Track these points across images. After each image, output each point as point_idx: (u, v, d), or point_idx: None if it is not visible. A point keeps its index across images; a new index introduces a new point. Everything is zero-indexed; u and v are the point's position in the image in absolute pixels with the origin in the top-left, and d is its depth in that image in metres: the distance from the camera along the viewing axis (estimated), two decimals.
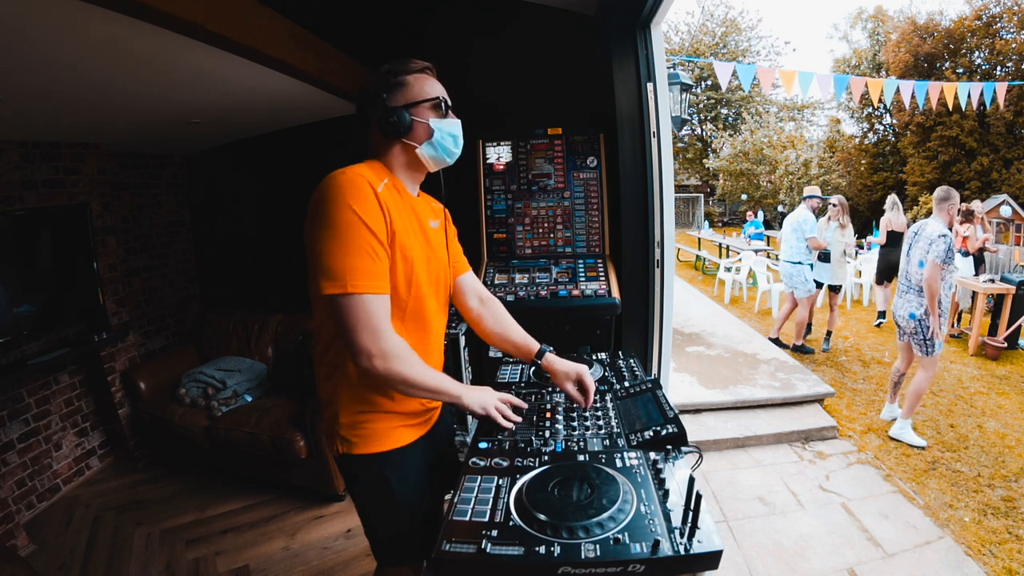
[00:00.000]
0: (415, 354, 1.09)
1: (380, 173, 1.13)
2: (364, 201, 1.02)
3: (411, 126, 1.14)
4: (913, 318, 3.11)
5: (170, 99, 2.24)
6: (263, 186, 3.43)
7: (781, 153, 17.00)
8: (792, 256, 4.86)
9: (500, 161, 2.62)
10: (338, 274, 0.99)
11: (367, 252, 1.01)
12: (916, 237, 3.21)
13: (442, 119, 1.17)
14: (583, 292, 2.34)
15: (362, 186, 1.03)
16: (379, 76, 1.16)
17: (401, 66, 1.16)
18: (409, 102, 1.14)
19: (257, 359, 3.22)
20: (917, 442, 3.14)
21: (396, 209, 1.10)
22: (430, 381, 1.10)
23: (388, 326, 1.04)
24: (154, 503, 2.73)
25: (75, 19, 1.32)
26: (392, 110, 1.12)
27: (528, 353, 1.39)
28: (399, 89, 1.14)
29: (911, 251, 3.21)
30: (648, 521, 0.89)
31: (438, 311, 1.26)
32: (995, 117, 13.30)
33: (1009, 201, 10.91)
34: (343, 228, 1.00)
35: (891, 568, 2.12)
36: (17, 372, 2.48)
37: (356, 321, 1.00)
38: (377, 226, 1.03)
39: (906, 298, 3.19)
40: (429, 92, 1.16)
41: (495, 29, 2.77)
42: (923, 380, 3.18)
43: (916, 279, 3.13)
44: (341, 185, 1.02)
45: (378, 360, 1.02)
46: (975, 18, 13.83)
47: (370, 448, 1.16)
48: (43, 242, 2.66)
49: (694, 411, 3.43)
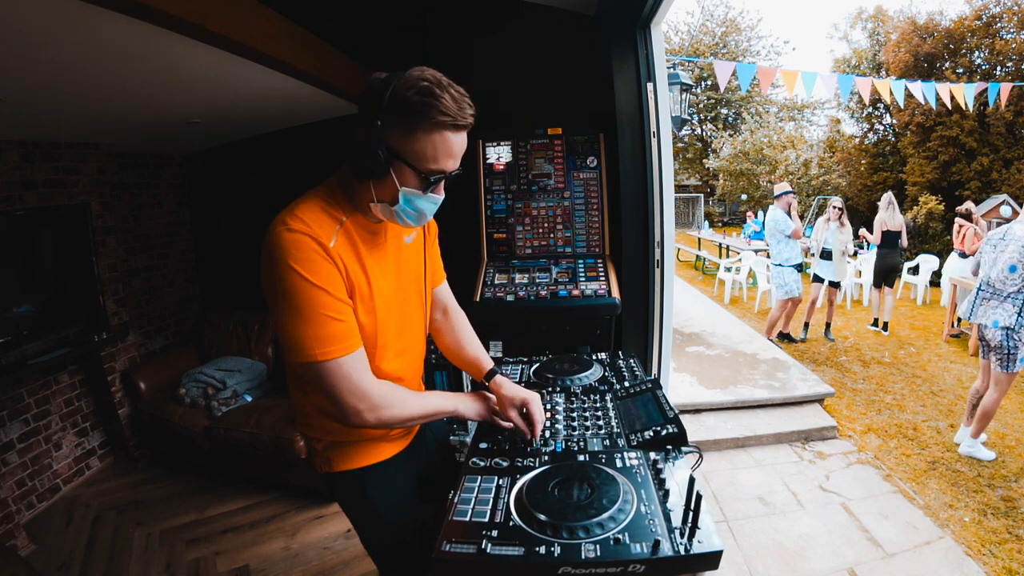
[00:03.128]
0: (401, 390, 1.07)
1: (336, 209, 0.99)
2: (311, 264, 0.91)
3: (380, 176, 0.93)
4: (997, 326, 2.94)
5: (170, 99, 2.24)
6: (263, 186, 3.42)
7: (781, 153, 16.99)
8: (774, 258, 5.08)
9: (500, 161, 2.62)
10: (303, 346, 0.93)
11: (325, 316, 0.93)
12: (1003, 241, 3.05)
13: (420, 194, 0.96)
14: (583, 292, 2.34)
15: (307, 246, 0.91)
16: (402, 90, 0.88)
17: (429, 106, 0.87)
18: (399, 153, 0.91)
19: (257, 359, 3.22)
20: (988, 456, 3.06)
21: (354, 257, 0.99)
22: (424, 409, 1.10)
23: (368, 379, 0.99)
24: (154, 503, 2.73)
25: (75, 19, 1.32)
26: (374, 148, 0.90)
27: (478, 372, 1.30)
28: (404, 130, 0.90)
29: (997, 256, 3.04)
30: (648, 521, 0.89)
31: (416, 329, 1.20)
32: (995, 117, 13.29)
33: (1009, 201, 10.91)
34: (294, 296, 0.91)
35: (891, 568, 2.12)
36: (17, 372, 2.48)
37: (334, 386, 0.96)
38: (331, 284, 0.93)
39: (988, 305, 3.02)
40: (431, 160, 0.92)
41: (495, 29, 2.77)
42: (995, 399, 3.00)
43: (1002, 285, 2.96)
44: (286, 247, 0.90)
45: (368, 415, 0.99)
46: (975, 18, 13.82)
47: (349, 465, 1.16)
48: (43, 242, 2.66)
49: (694, 411, 3.43)
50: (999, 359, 2.96)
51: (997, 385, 3.00)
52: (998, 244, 3.08)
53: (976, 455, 3.07)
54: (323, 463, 1.17)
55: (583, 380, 1.48)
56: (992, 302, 3.01)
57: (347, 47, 2.39)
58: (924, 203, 10.80)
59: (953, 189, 13.70)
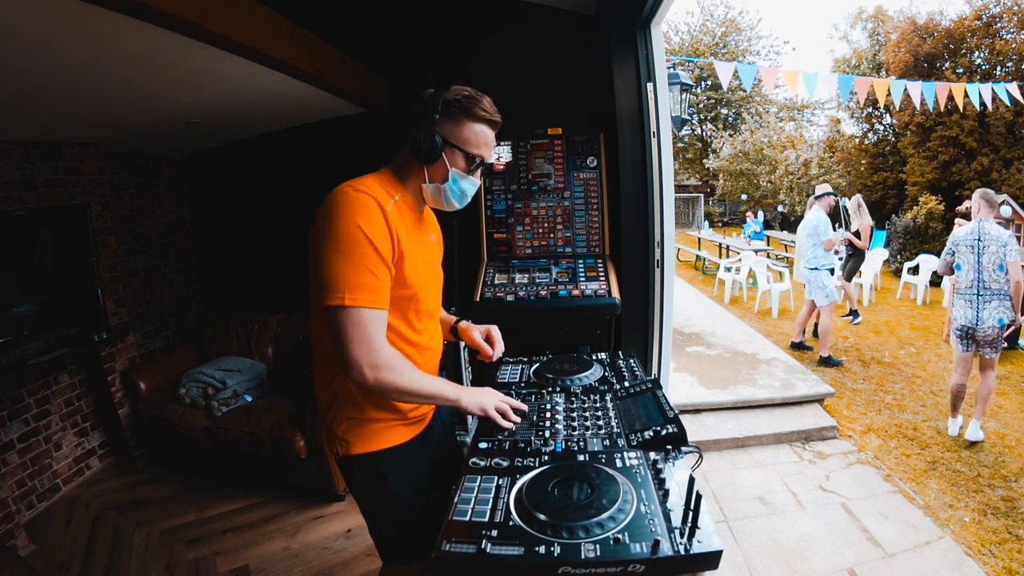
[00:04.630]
0: (408, 363, 1.11)
1: (392, 188, 1.14)
2: (371, 220, 1.03)
3: (435, 159, 1.13)
4: (1002, 324, 3.07)
5: (170, 99, 2.24)
6: (263, 186, 3.43)
7: (781, 153, 16.99)
8: (810, 262, 4.66)
9: (500, 161, 2.62)
10: (338, 287, 1.01)
11: (369, 269, 1.03)
12: (981, 243, 3.14)
13: (464, 175, 1.17)
14: (583, 292, 2.34)
15: (370, 205, 1.04)
16: (450, 96, 1.12)
17: (473, 104, 1.12)
18: (451, 139, 1.12)
19: (257, 359, 3.22)
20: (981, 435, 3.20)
21: (404, 229, 1.12)
22: (425, 388, 1.12)
23: (382, 340, 1.06)
24: (154, 503, 2.73)
25: (75, 19, 1.32)
26: (432, 134, 1.10)
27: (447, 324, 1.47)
28: (453, 122, 1.12)
29: (982, 257, 3.13)
30: (648, 521, 0.89)
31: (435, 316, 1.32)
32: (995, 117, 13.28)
33: (1009, 201, 10.89)
34: (347, 243, 1.01)
35: (891, 568, 2.12)
36: (17, 372, 2.48)
37: (350, 333, 1.02)
38: (383, 245, 1.04)
39: (990, 306, 3.10)
40: (475, 146, 1.14)
41: (495, 29, 2.77)
42: (993, 379, 3.20)
43: (997, 285, 3.08)
44: (350, 202, 1.03)
45: (368, 371, 1.03)
46: (975, 18, 13.82)
47: (367, 447, 1.18)
48: (43, 242, 2.66)
49: (694, 411, 3.43)
50: (994, 348, 3.15)
51: (993, 368, 3.20)
52: (975, 245, 3.16)
53: (979, 438, 3.18)
54: (341, 446, 1.19)
55: (583, 380, 1.48)
56: (993, 303, 3.10)
57: (347, 47, 2.39)
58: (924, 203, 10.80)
59: (953, 189, 13.69)
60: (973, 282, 3.17)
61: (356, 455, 1.19)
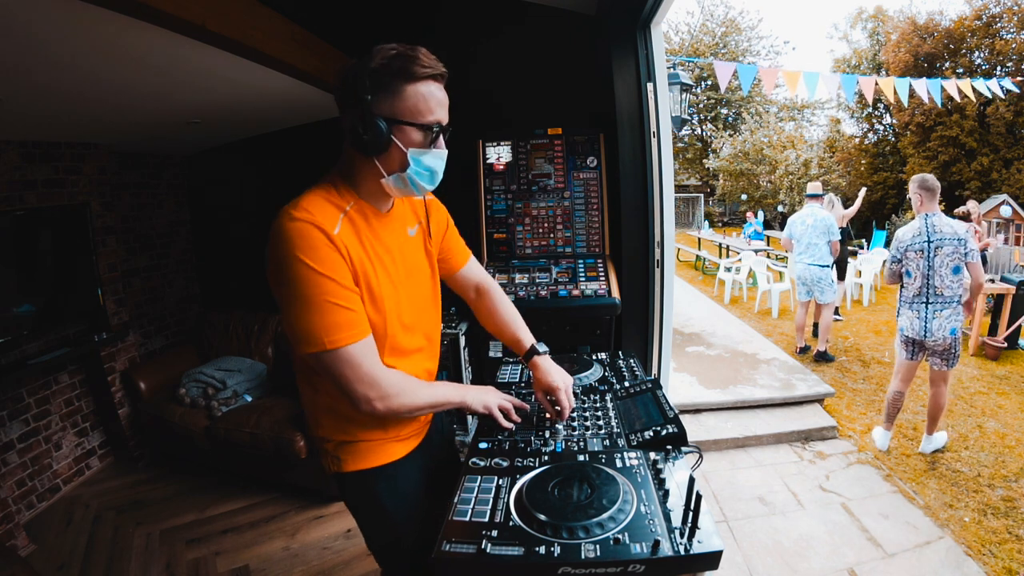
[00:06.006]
0: (411, 379, 1.08)
1: (340, 198, 1.01)
2: (316, 253, 0.92)
3: (386, 147, 0.96)
4: (954, 334, 2.75)
5: (170, 99, 2.24)
6: (263, 186, 3.42)
7: (781, 153, 16.99)
8: (819, 259, 4.60)
9: (500, 161, 2.62)
10: (313, 335, 0.93)
11: (333, 304, 0.93)
12: (931, 243, 2.74)
13: (425, 150, 0.98)
14: (583, 292, 2.34)
15: (311, 235, 0.92)
16: (371, 66, 0.92)
17: (409, 63, 0.92)
18: (395, 117, 0.94)
19: (257, 359, 3.22)
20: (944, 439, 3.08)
21: (363, 243, 1.01)
22: (432, 399, 1.11)
23: (378, 367, 1.01)
24: (154, 503, 2.73)
25: (75, 19, 1.32)
26: (370, 120, 0.93)
27: (519, 350, 1.35)
28: (389, 95, 0.93)
29: (933, 260, 2.75)
30: (648, 521, 0.89)
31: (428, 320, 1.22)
32: (995, 117, 13.29)
33: (1009, 201, 10.91)
34: (302, 287, 0.92)
35: (891, 568, 2.12)
36: (17, 372, 2.48)
37: (347, 375, 0.97)
38: (338, 273, 0.94)
39: (943, 316, 2.75)
40: (424, 112, 0.95)
41: (495, 29, 2.77)
42: (944, 395, 2.89)
43: (950, 292, 2.74)
44: (291, 237, 0.91)
45: (379, 403, 1.00)
46: (975, 18, 13.83)
47: (360, 465, 1.14)
48: (43, 242, 2.66)
49: (694, 411, 3.43)
50: (946, 360, 2.82)
51: (943, 382, 2.88)
52: (925, 248, 2.77)
53: (938, 446, 3.04)
54: (333, 463, 1.16)
55: (583, 380, 1.48)
56: (945, 312, 2.76)
57: (347, 47, 2.39)
58: None
59: (953, 189, 13.70)
60: (921, 289, 2.80)
61: (348, 472, 1.14)
